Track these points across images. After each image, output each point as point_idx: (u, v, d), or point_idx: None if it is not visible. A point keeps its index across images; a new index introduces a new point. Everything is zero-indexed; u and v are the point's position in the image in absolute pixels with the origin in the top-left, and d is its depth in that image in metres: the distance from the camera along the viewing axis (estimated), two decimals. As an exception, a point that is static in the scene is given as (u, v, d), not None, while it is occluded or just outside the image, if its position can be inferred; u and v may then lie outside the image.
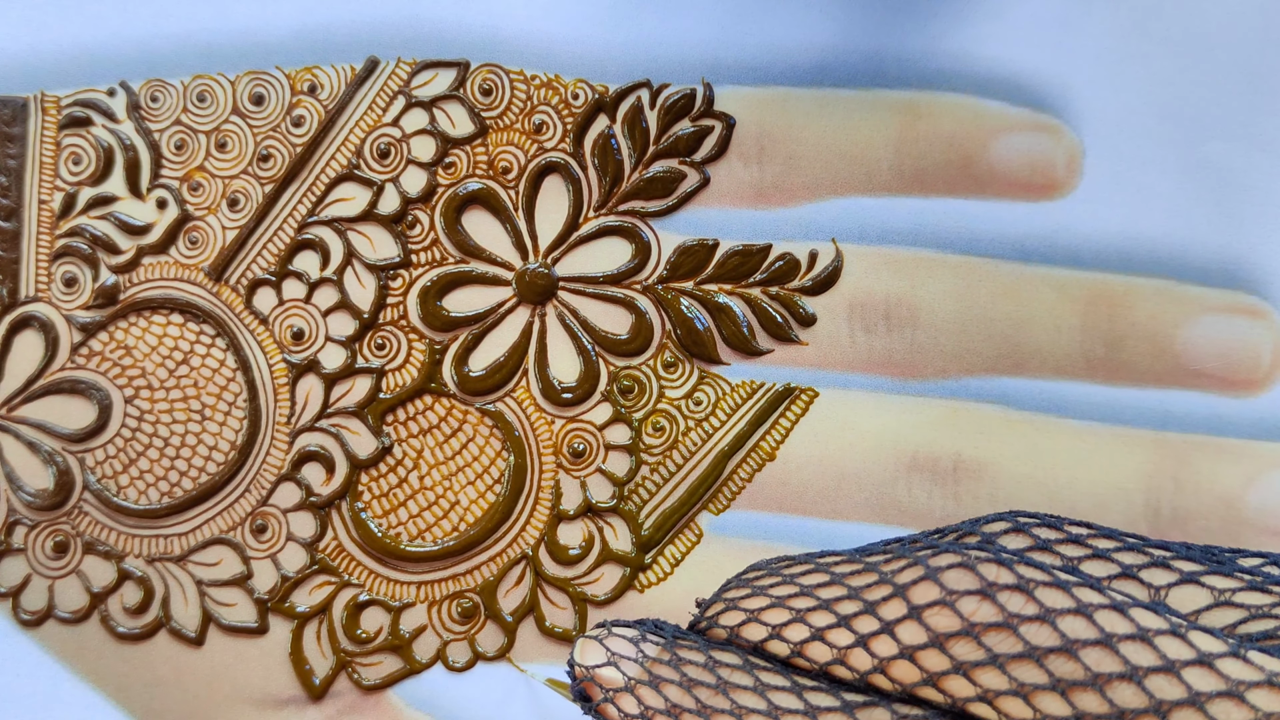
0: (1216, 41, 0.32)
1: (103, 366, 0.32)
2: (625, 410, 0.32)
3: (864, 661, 0.21)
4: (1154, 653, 0.19)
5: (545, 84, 0.32)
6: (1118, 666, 0.19)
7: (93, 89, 0.32)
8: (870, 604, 0.21)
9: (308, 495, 0.32)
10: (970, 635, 0.20)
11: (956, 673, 0.20)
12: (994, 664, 0.20)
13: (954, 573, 0.20)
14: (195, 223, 0.32)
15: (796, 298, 0.32)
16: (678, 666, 0.23)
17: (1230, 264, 0.32)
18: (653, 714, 0.22)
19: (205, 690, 0.32)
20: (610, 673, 0.23)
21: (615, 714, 0.23)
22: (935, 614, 0.20)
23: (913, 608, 0.21)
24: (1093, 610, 0.20)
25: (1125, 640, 0.19)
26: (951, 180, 0.32)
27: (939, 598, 0.20)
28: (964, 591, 0.20)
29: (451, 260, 0.32)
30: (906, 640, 0.21)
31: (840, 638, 0.22)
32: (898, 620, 0.21)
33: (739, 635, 0.23)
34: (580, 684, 0.24)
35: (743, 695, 0.22)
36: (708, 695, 0.22)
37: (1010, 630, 0.20)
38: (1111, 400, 0.32)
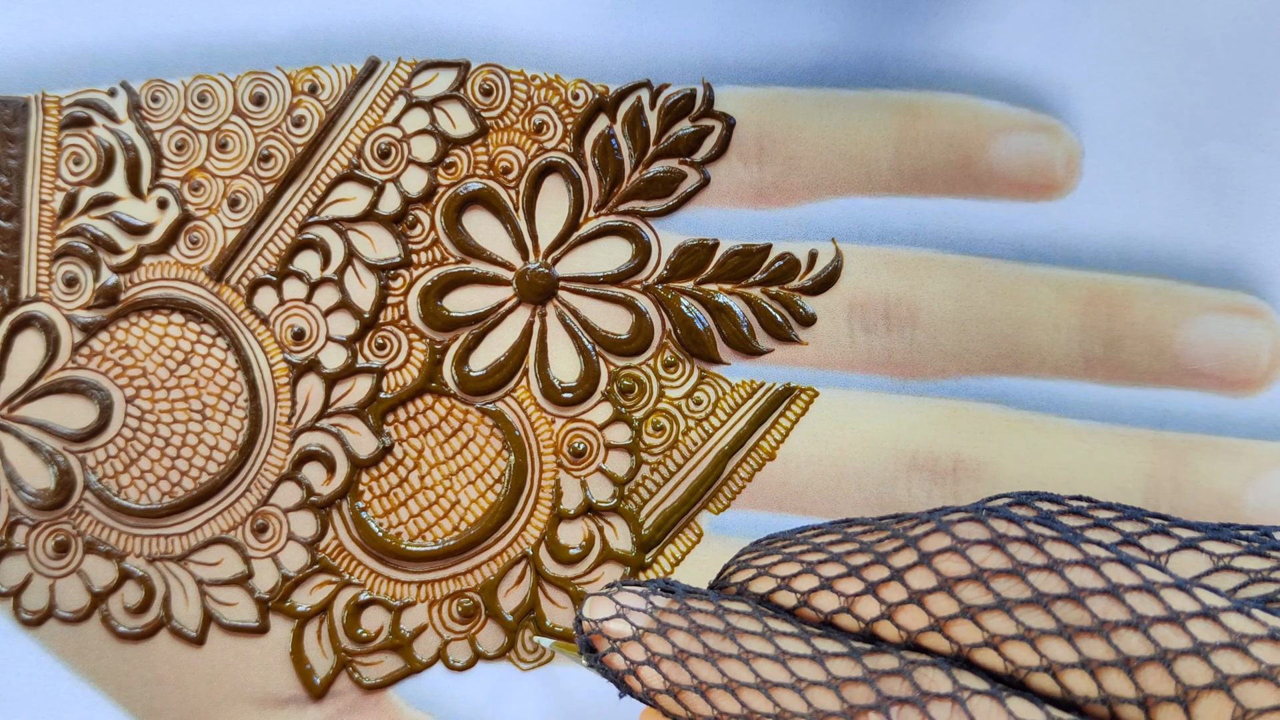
0: (1215, 42, 0.32)
1: (104, 366, 0.32)
2: (625, 410, 0.32)
3: (871, 609, 0.21)
4: (1160, 604, 0.19)
5: (546, 84, 0.32)
6: (1124, 615, 0.19)
7: (94, 89, 0.33)
8: (881, 554, 0.22)
9: (308, 495, 0.32)
10: (979, 580, 0.20)
11: (964, 617, 0.20)
12: (1001, 608, 0.20)
13: (965, 525, 0.21)
14: (196, 223, 0.32)
15: (796, 298, 0.32)
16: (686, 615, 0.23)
17: (1229, 264, 0.32)
18: (659, 659, 0.22)
19: (206, 689, 0.32)
20: (618, 624, 0.23)
21: (621, 663, 0.23)
22: (945, 560, 0.21)
23: (923, 555, 0.21)
24: (1099, 563, 0.20)
25: (1131, 591, 0.19)
26: (951, 180, 0.32)
27: (950, 545, 0.21)
28: (974, 540, 0.21)
29: (452, 260, 0.32)
30: (915, 585, 0.21)
31: (849, 586, 0.22)
32: (907, 567, 0.21)
33: (748, 590, 0.23)
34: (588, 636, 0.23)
35: (750, 640, 0.22)
36: (716, 641, 0.22)
37: (1019, 578, 0.20)
38: (1110, 400, 0.32)
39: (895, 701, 0.20)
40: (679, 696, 0.22)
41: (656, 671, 0.22)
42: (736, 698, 0.21)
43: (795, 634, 0.22)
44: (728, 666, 0.22)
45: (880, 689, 0.20)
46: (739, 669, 0.22)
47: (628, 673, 0.23)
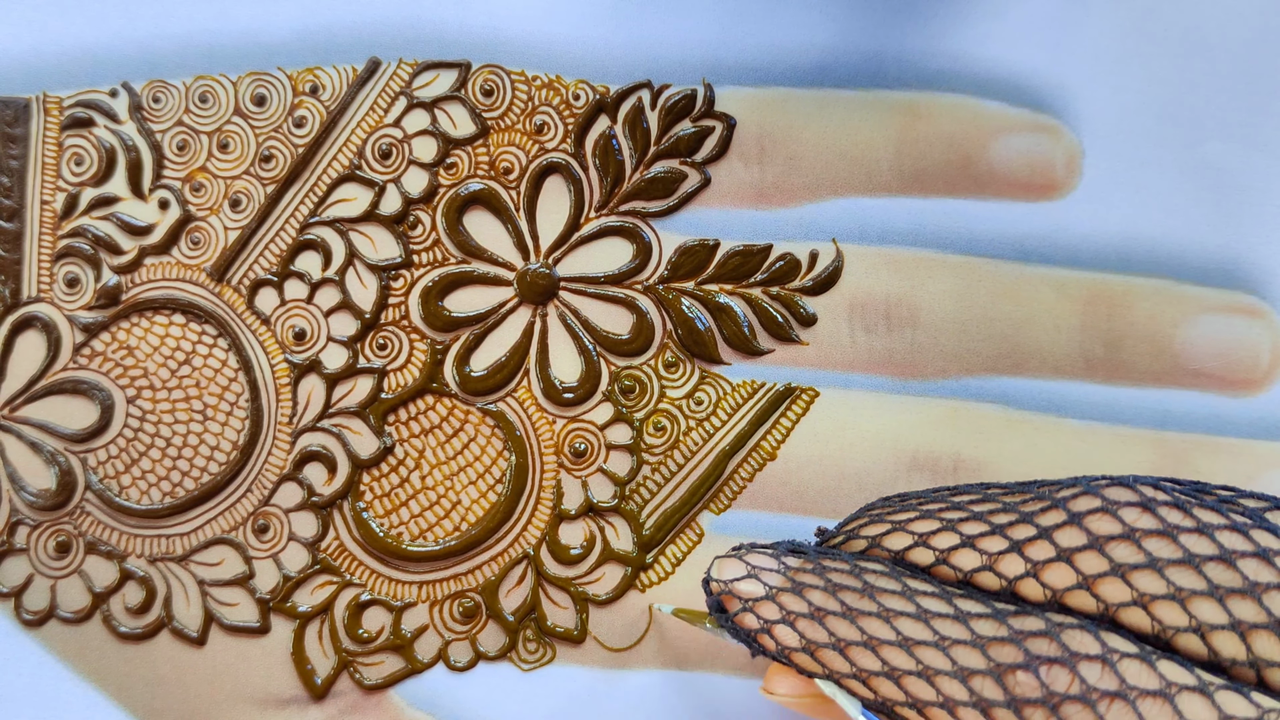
0: (1215, 42, 0.32)
1: (105, 367, 0.32)
2: (626, 410, 0.32)
3: (1016, 567, 0.21)
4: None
5: (546, 85, 0.32)
6: (1275, 578, 0.19)
7: (95, 90, 0.33)
8: (1027, 514, 0.21)
9: (309, 495, 0.32)
10: (1130, 539, 0.20)
11: (1114, 574, 0.20)
12: (1153, 567, 0.20)
13: (1114, 489, 0.21)
14: (197, 223, 0.32)
15: (797, 298, 0.32)
16: (822, 574, 0.23)
17: (1229, 264, 0.32)
18: (795, 618, 0.22)
19: (207, 690, 0.32)
20: (750, 584, 0.23)
21: (755, 623, 0.23)
22: (1096, 519, 0.21)
23: (1073, 514, 0.21)
24: (1249, 528, 0.20)
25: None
26: (951, 180, 0.32)
27: (1100, 505, 0.21)
28: (1125, 502, 0.21)
29: (453, 260, 0.32)
30: (1065, 544, 0.21)
31: (992, 544, 0.22)
32: (1056, 526, 0.21)
33: (881, 545, 0.23)
34: (718, 597, 0.23)
35: (890, 599, 0.22)
36: (854, 599, 0.22)
37: (1170, 538, 0.20)
38: (1111, 400, 0.32)
39: (1045, 661, 0.20)
40: (816, 654, 0.22)
41: (792, 630, 0.22)
42: (877, 655, 0.21)
43: (936, 593, 0.22)
44: (867, 624, 0.22)
45: (1028, 649, 0.20)
46: (879, 626, 0.21)
47: (761, 631, 0.22)
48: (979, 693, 0.20)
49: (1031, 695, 0.20)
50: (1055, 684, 0.20)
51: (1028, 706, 0.20)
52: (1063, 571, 0.21)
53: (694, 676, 0.32)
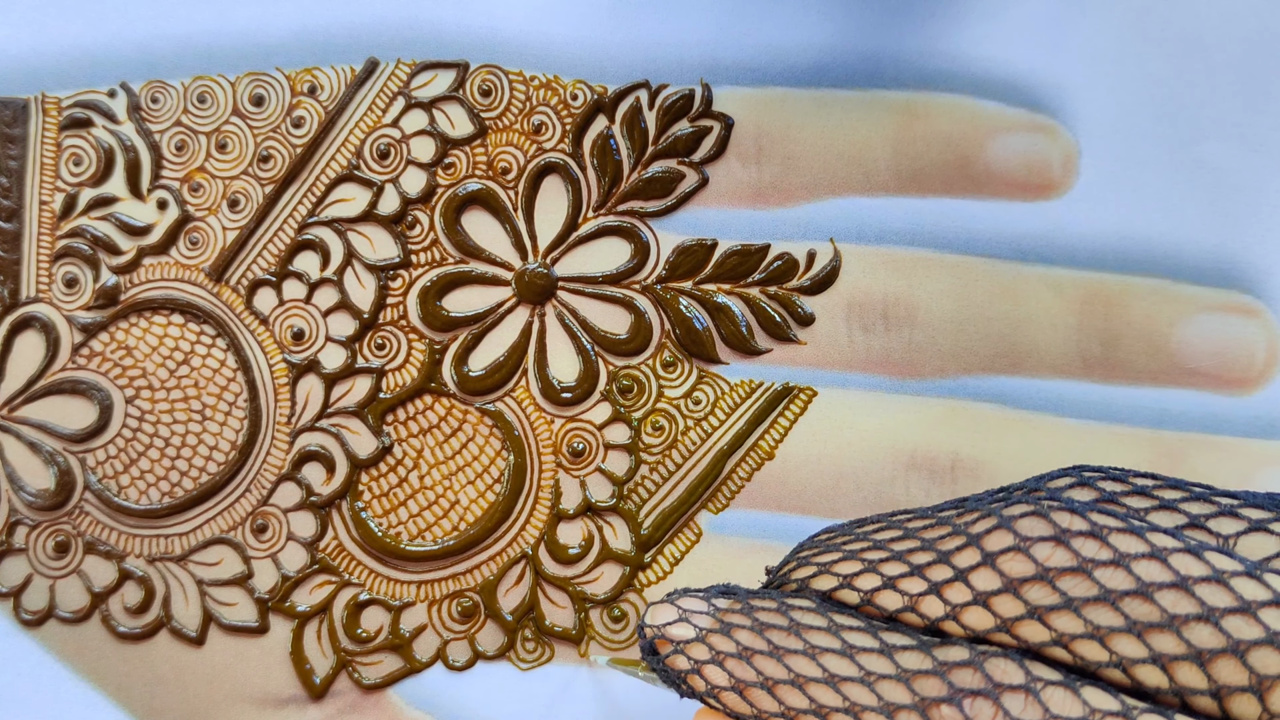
0: (1211, 42, 0.32)
1: (104, 367, 0.32)
2: (624, 410, 0.32)
3: (936, 608, 0.21)
4: (1230, 594, 0.19)
5: (544, 85, 0.32)
6: (1194, 608, 0.19)
7: (93, 90, 0.33)
8: (943, 553, 0.21)
9: (308, 495, 0.32)
10: (1045, 580, 0.20)
11: (1031, 618, 0.20)
12: (1069, 608, 0.20)
13: (1027, 520, 0.21)
14: (196, 223, 0.32)
15: (795, 297, 0.32)
16: (750, 613, 0.23)
17: (1225, 263, 0.32)
18: (724, 658, 0.22)
19: (206, 689, 0.32)
20: (680, 628, 0.23)
21: (685, 664, 0.23)
22: (1009, 560, 0.20)
23: (986, 555, 0.21)
24: (1167, 554, 0.20)
25: (1200, 582, 0.19)
26: (948, 180, 0.32)
27: (1013, 544, 0.20)
28: (1037, 538, 0.20)
29: (451, 260, 0.32)
30: (980, 586, 0.21)
31: (912, 585, 0.22)
32: (971, 567, 0.21)
33: (809, 588, 0.23)
34: (651, 641, 0.23)
35: (816, 635, 0.22)
36: (780, 637, 0.22)
37: (1085, 574, 0.20)
38: (1108, 399, 0.32)
39: (968, 694, 0.20)
40: (745, 693, 0.22)
41: (721, 669, 0.22)
42: (804, 692, 0.21)
43: (862, 628, 0.22)
44: (794, 662, 0.22)
45: (952, 681, 0.20)
46: (805, 664, 0.21)
47: (691, 672, 0.23)
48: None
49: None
50: (979, 717, 0.20)
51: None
52: (981, 614, 0.21)
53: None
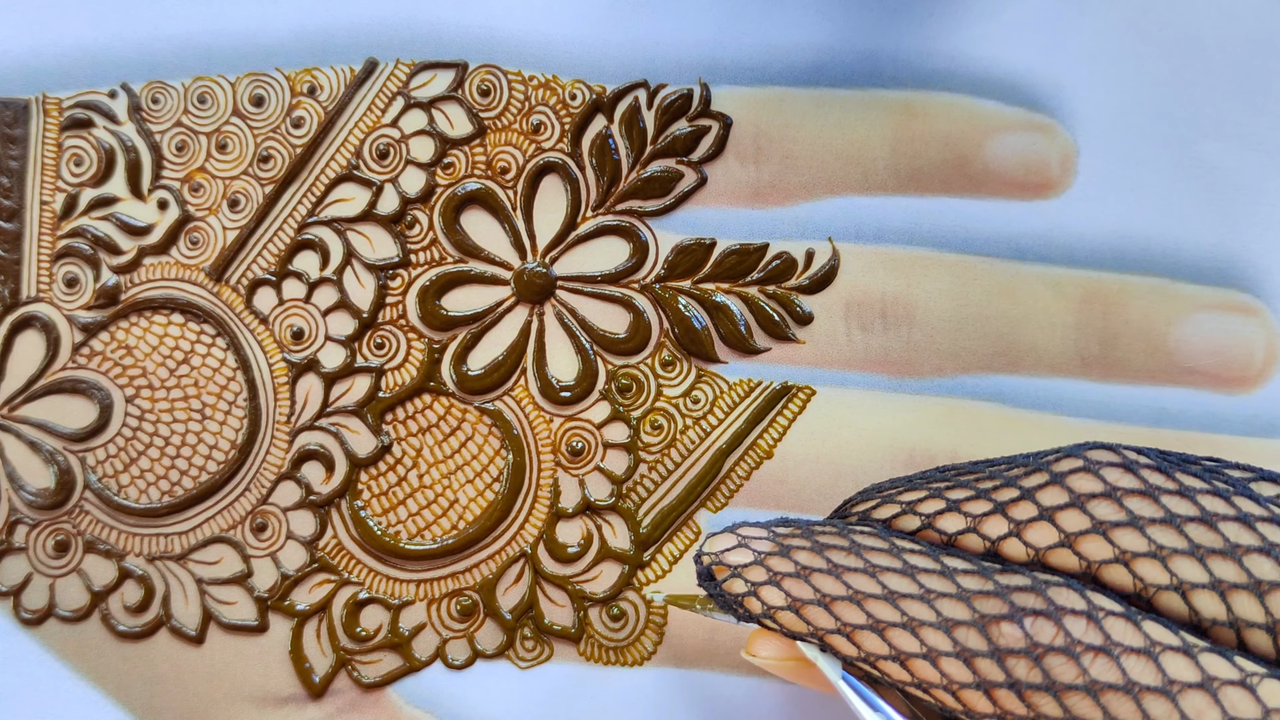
0: (1210, 41, 0.32)
1: (104, 366, 0.32)
2: (623, 409, 0.32)
3: (999, 527, 0.22)
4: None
5: (543, 84, 0.32)
6: (1256, 541, 0.20)
7: (94, 91, 0.33)
8: (1011, 478, 0.22)
9: (307, 494, 0.32)
10: (1112, 497, 0.21)
11: (1096, 532, 0.21)
12: (1134, 525, 0.20)
13: (1096, 451, 0.21)
14: (196, 223, 0.33)
15: (793, 296, 0.32)
16: (810, 536, 0.23)
17: (1223, 262, 0.32)
18: (781, 578, 0.22)
19: (205, 688, 0.32)
20: (739, 553, 0.23)
21: (742, 587, 0.23)
22: (1078, 478, 0.21)
23: (1055, 475, 0.21)
24: (1230, 494, 0.20)
25: (1261, 521, 0.20)
26: (947, 179, 0.32)
27: (1083, 465, 0.21)
28: (1107, 463, 0.21)
29: (450, 260, 0.32)
30: (1047, 503, 0.21)
31: (976, 507, 0.22)
32: (1039, 486, 0.21)
33: (870, 518, 0.24)
34: (708, 567, 0.23)
35: (876, 555, 0.22)
36: (840, 556, 0.22)
37: (1151, 498, 0.21)
38: (1106, 398, 0.32)
39: (1030, 613, 0.20)
40: (801, 611, 0.22)
41: (778, 589, 0.22)
42: (862, 608, 0.21)
43: (922, 550, 0.22)
44: (852, 579, 0.22)
45: (1014, 601, 0.20)
46: (865, 581, 0.22)
47: (748, 595, 0.23)
48: (963, 643, 0.20)
49: (1015, 646, 0.20)
50: (1040, 635, 0.20)
51: (1011, 657, 0.20)
52: (1045, 530, 0.21)
53: (690, 674, 0.32)
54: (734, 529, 0.24)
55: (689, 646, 0.32)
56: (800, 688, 0.31)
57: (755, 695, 0.32)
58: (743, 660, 0.32)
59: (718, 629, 0.32)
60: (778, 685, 0.32)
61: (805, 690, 0.31)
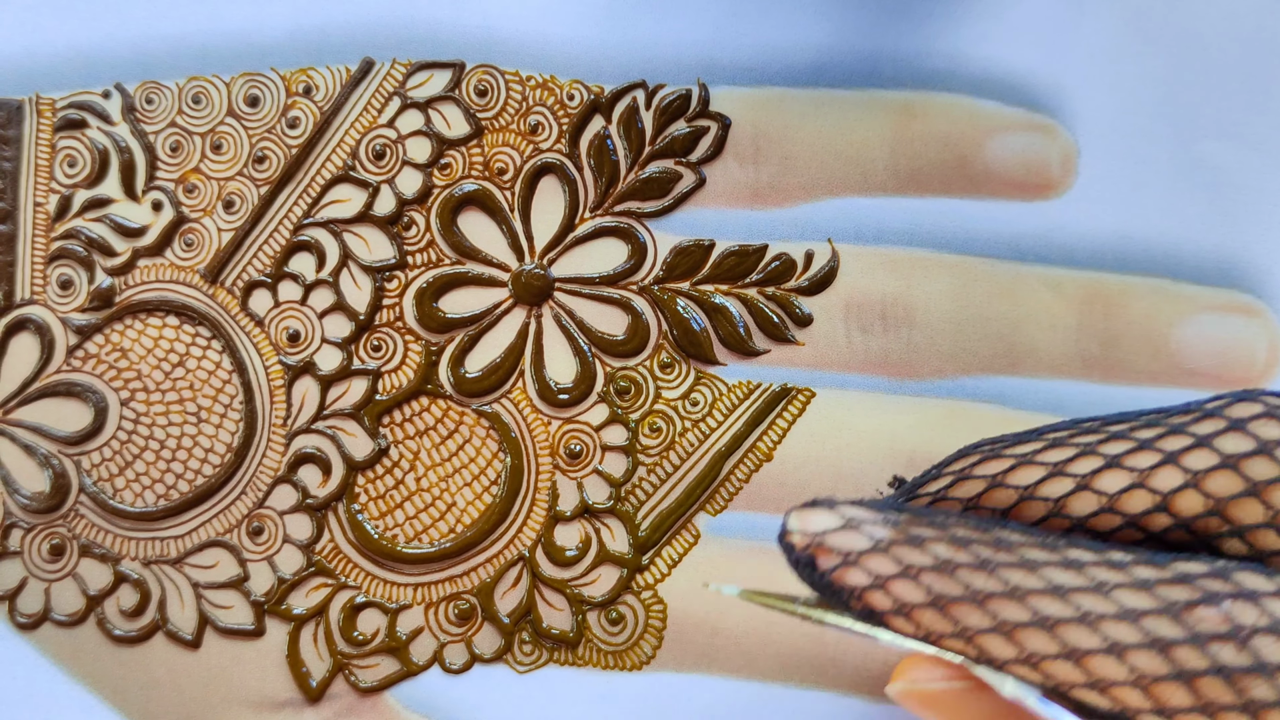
0: (1210, 41, 0.32)
1: (99, 369, 0.32)
2: (622, 411, 0.32)
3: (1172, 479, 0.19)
4: None
5: (541, 85, 0.32)
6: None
7: (88, 91, 0.32)
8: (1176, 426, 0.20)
9: (304, 497, 0.32)
10: (1268, 454, 0.19)
11: (1251, 495, 0.19)
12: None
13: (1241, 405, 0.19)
14: (191, 225, 0.32)
15: (793, 298, 0.32)
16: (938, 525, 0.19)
17: (1225, 262, 0.32)
18: (918, 571, 0.19)
19: (202, 693, 0.32)
20: (848, 536, 0.19)
21: (862, 579, 0.19)
22: (1226, 439, 0.19)
23: (1200, 438, 0.19)
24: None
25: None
26: (947, 180, 0.32)
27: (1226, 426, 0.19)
28: (1251, 416, 0.19)
29: (447, 261, 0.32)
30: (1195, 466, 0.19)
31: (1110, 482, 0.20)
32: (1183, 450, 0.19)
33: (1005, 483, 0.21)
34: (805, 553, 0.19)
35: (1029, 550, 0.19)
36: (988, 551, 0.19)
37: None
38: (1107, 399, 0.32)
39: (1228, 596, 0.18)
40: (948, 610, 0.19)
41: (916, 584, 0.19)
42: (1024, 604, 0.18)
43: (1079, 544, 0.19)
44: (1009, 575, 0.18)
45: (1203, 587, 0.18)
46: (1023, 576, 0.18)
47: (872, 588, 0.19)
48: (1154, 632, 0.18)
49: (1217, 629, 0.18)
50: (1242, 617, 0.18)
51: (1215, 641, 0.18)
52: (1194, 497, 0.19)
53: (690, 679, 0.32)
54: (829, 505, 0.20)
55: (689, 650, 0.32)
56: (812, 699, 0.31)
57: (756, 700, 0.31)
58: (744, 663, 0.31)
59: (718, 632, 0.31)
60: (780, 691, 0.31)
61: (812, 699, 0.31)
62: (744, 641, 0.31)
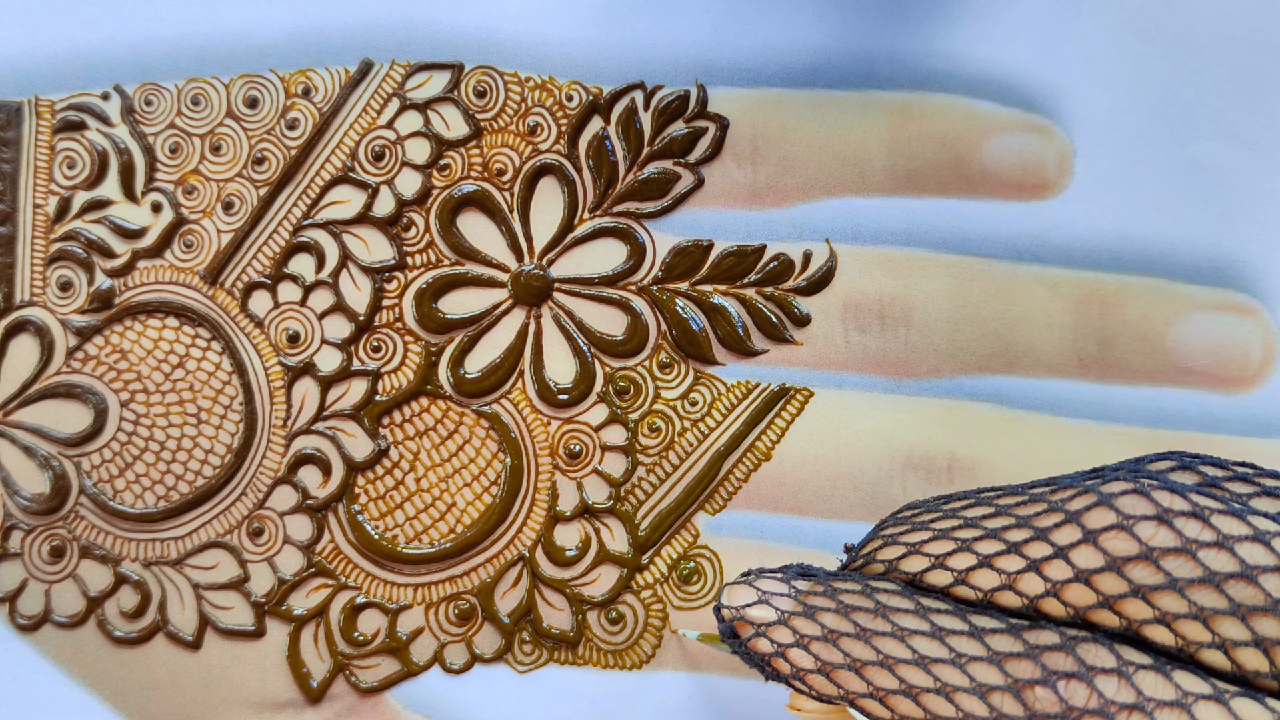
0: (1205, 42, 0.32)
1: (98, 370, 0.32)
2: (621, 411, 0.32)
3: (1035, 586, 0.21)
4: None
5: (539, 86, 0.32)
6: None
7: (87, 93, 0.32)
8: (1041, 530, 0.21)
9: (304, 498, 0.32)
10: (1149, 559, 0.20)
11: (1135, 596, 0.20)
12: (1173, 588, 0.20)
13: (1128, 499, 0.21)
14: (190, 226, 0.32)
15: (791, 298, 0.32)
16: (833, 596, 0.23)
17: (1220, 262, 0.32)
18: (809, 641, 0.22)
19: (202, 693, 0.32)
20: (761, 610, 0.23)
21: (768, 647, 0.23)
22: (1112, 538, 0.20)
23: (1087, 532, 0.21)
24: (1270, 537, 0.20)
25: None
26: (944, 180, 0.32)
27: (1115, 522, 0.20)
28: (1140, 516, 0.20)
29: (447, 262, 0.32)
30: (1081, 564, 0.21)
31: (1010, 564, 0.22)
32: (1072, 544, 0.21)
33: (897, 569, 0.23)
34: (730, 623, 0.23)
35: (904, 618, 0.22)
36: (867, 619, 0.22)
37: (1189, 555, 0.20)
38: (1104, 398, 0.32)
39: (1062, 676, 0.20)
40: (832, 675, 0.22)
41: (806, 652, 0.22)
42: (894, 673, 0.21)
43: (950, 610, 0.22)
44: (882, 644, 0.22)
45: (1045, 663, 0.20)
46: (894, 645, 0.21)
47: (776, 656, 0.23)
48: (998, 709, 0.20)
49: (1051, 710, 0.20)
50: (1074, 699, 0.20)
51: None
52: (1083, 591, 0.21)
53: (690, 677, 0.32)
54: (751, 580, 0.24)
55: (689, 649, 0.32)
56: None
57: (756, 698, 0.31)
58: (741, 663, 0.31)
59: (716, 631, 0.32)
60: (778, 690, 0.31)
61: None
62: None
